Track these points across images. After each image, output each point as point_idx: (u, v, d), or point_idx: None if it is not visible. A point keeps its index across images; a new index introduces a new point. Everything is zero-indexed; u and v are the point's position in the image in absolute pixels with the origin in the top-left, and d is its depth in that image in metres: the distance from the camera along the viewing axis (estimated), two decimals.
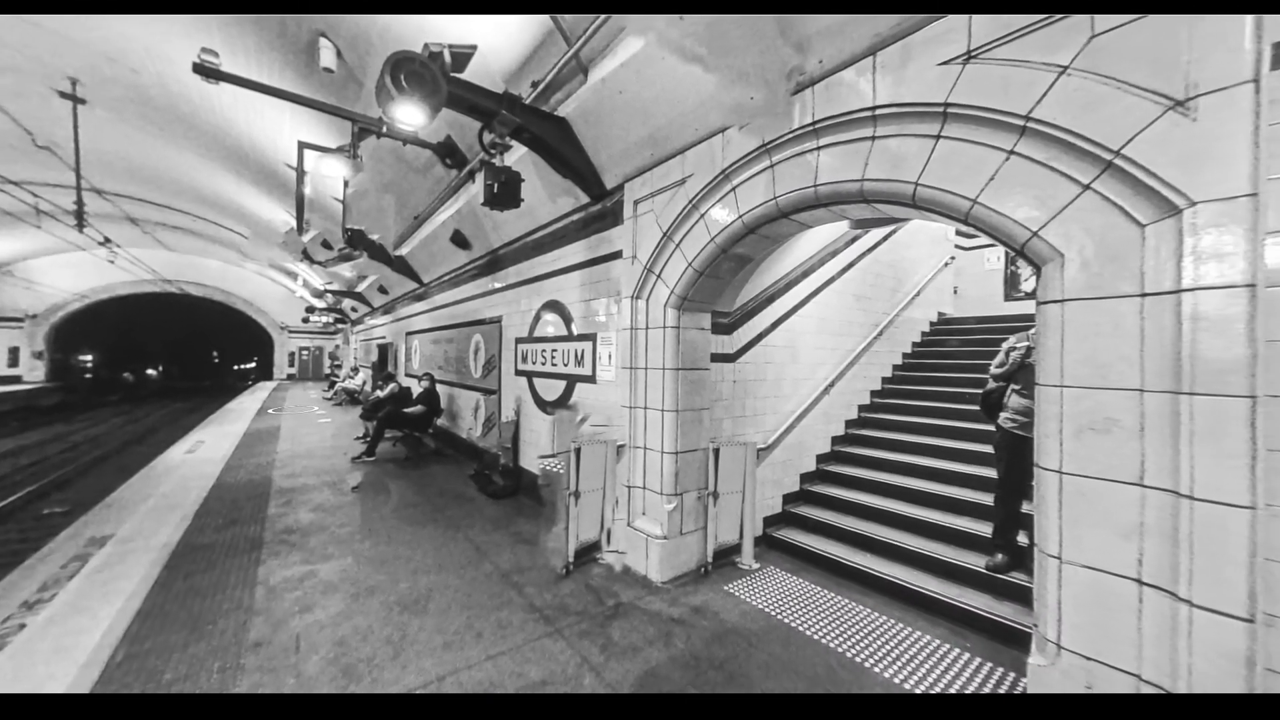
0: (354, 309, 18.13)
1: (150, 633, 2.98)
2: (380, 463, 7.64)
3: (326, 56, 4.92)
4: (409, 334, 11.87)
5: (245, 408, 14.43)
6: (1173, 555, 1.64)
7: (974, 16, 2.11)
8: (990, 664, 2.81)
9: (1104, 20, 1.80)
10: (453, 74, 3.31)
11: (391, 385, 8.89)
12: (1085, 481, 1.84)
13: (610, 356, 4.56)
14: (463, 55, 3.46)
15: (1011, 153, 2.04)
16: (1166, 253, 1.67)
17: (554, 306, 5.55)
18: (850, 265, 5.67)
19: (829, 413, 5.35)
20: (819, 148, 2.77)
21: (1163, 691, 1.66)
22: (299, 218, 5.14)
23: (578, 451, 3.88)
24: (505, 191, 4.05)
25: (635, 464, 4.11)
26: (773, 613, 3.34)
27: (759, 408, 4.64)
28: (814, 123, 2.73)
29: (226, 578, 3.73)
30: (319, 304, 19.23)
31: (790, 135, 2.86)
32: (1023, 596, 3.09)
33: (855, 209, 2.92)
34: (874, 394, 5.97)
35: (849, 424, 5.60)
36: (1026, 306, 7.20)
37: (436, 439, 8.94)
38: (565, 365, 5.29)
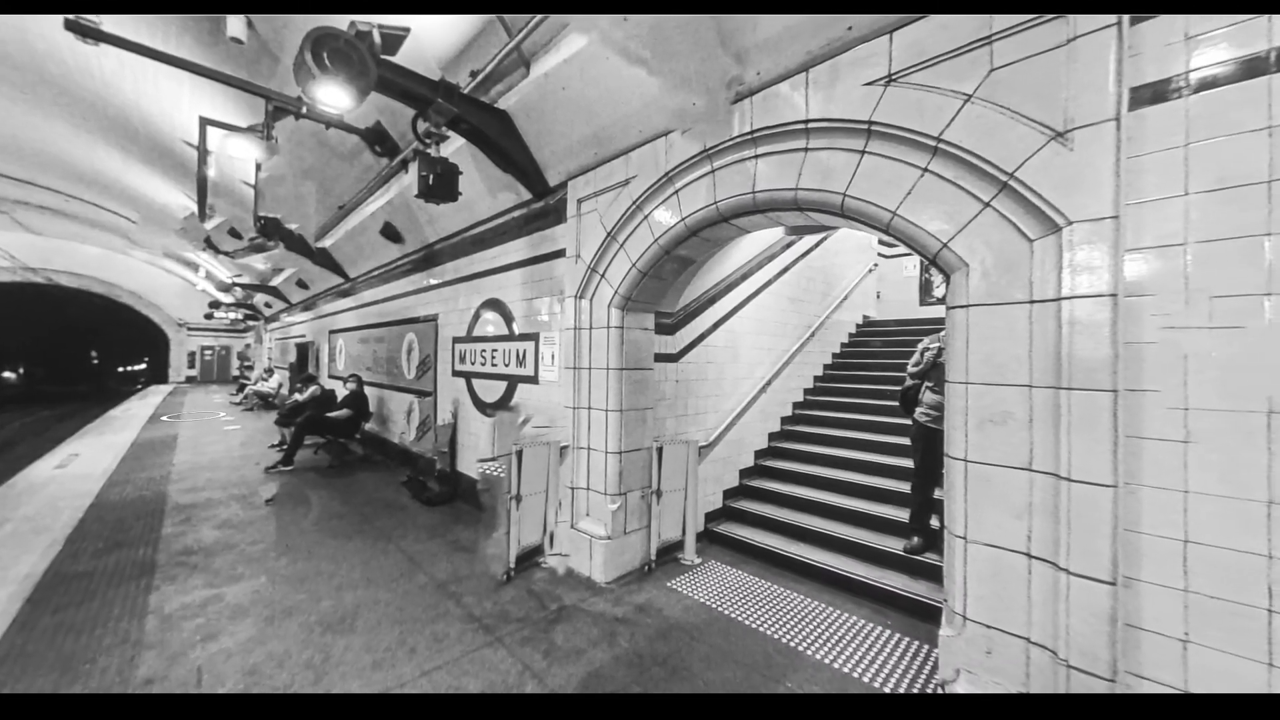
0: (268, 305, 16.55)
1: (5, 680, 2.56)
2: (300, 472, 7.04)
3: (235, 25, 4.45)
4: (333, 332, 11.03)
5: (134, 414, 12.76)
6: (1054, 531, 1.87)
7: (895, 42, 2.29)
8: (907, 638, 3.06)
9: (1000, 56, 2.01)
10: (383, 56, 3.11)
11: (313, 388, 8.22)
12: (986, 468, 2.06)
13: (553, 356, 4.49)
14: (394, 37, 3.27)
15: (925, 170, 2.23)
16: (1050, 265, 1.90)
17: (494, 305, 5.38)
18: (785, 269, 5.95)
19: (766, 410, 5.59)
20: (757, 156, 2.88)
21: (1050, 651, 1.89)
22: (201, 202, 4.61)
23: (519, 454, 3.79)
24: (441, 184, 3.88)
25: (579, 465, 4.07)
26: (714, 606, 3.43)
27: (701, 406, 4.76)
28: (752, 132, 2.84)
29: (108, 609, 3.27)
30: (225, 299, 17.36)
31: (730, 142, 2.96)
32: (935, 575, 3.40)
33: (790, 216, 3.07)
34: (807, 392, 6.31)
35: (784, 421, 5.88)
36: (938, 311, 7.91)
37: (364, 445, 8.37)
38: (506, 365, 5.14)
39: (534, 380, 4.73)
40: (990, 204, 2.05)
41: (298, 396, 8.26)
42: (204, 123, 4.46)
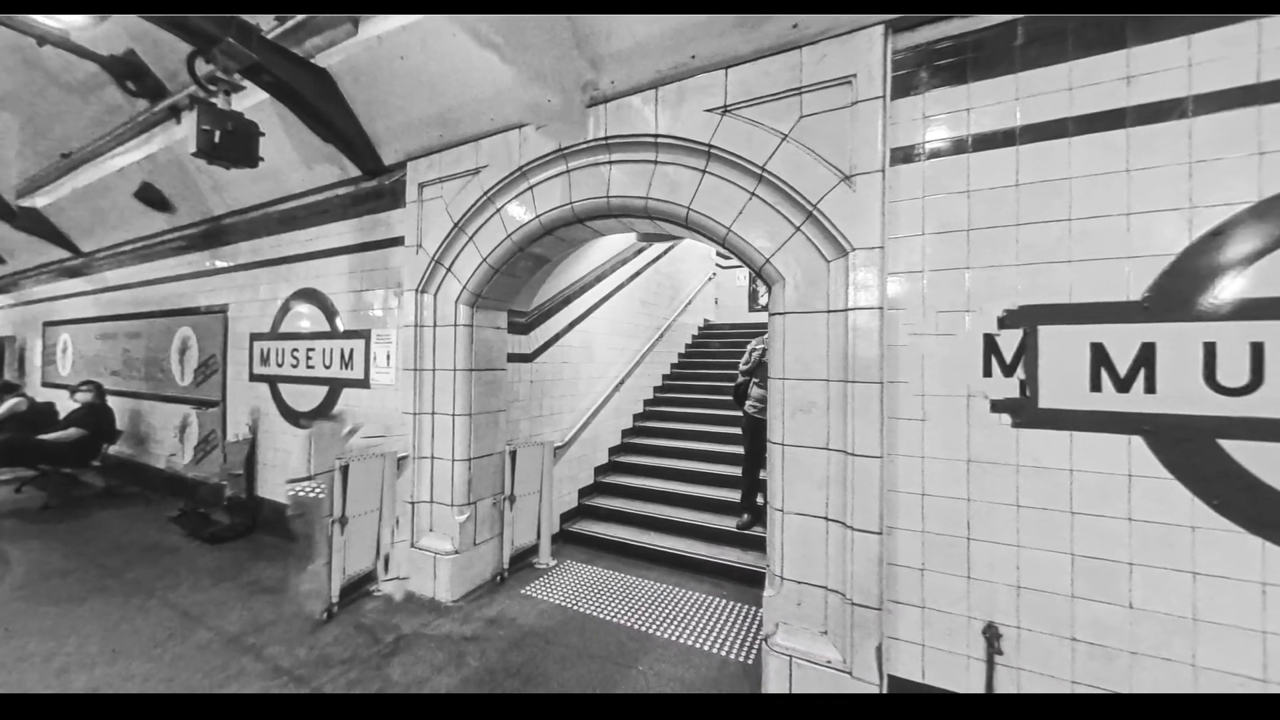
0: None
1: None
2: None
3: None
4: (51, 324, 8.14)
5: None
6: (844, 497, 2.32)
7: (730, 77, 2.58)
8: (740, 604, 3.48)
9: (808, 106, 2.42)
10: None
11: (13, 400, 5.96)
12: (797, 450, 2.45)
13: (389, 357, 4.00)
14: None
15: (753, 194, 2.57)
16: (841, 282, 2.35)
17: (310, 296, 4.57)
18: (637, 274, 6.27)
19: (620, 408, 5.80)
20: (611, 162, 2.98)
21: (840, 594, 2.33)
22: None
23: (345, 469, 3.28)
24: (234, 144, 3.16)
25: (421, 476, 3.70)
26: (569, 605, 3.44)
27: (556, 406, 4.73)
28: (606, 138, 2.92)
29: None
30: None
31: (586, 145, 3.00)
32: (762, 545, 3.93)
33: (641, 223, 3.24)
34: (656, 389, 6.73)
35: (636, 418, 6.18)
36: (763, 317, 9.16)
37: (108, 474, 6.30)
38: (328, 367, 4.41)
39: (364, 384, 4.15)
40: (800, 229, 2.46)
41: None
42: None
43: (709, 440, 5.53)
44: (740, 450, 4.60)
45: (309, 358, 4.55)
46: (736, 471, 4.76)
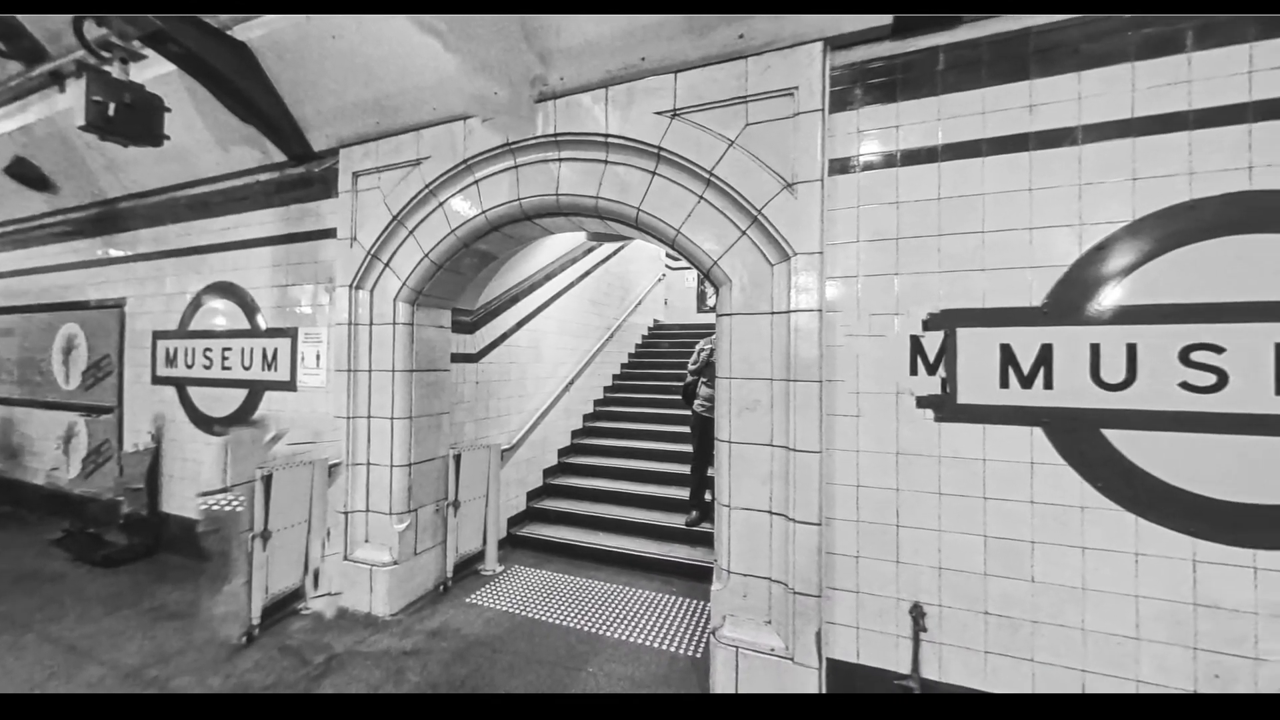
0: None
1: None
2: None
3: None
4: None
5: None
6: (786, 491, 2.42)
7: (679, 82, 2.62)
8: (689, 599, 3.54)
9: (753, 114, 2.51)
10: None
11: None
12: (743, 446, 2.53)
13: (319, 357, 3.73)
14: None
15: (701, 198, 2.62)
16: (783, 285, 2.45)
17: (227, 291, 4.18)
18: (587, 273, 6.22)
19: (570, 408, 5.73)
20: (560, 159, 2.94)
21: (783, 584, 2.42)
22: None
23: (267, 479, 3.03)
24: (132, 119, 2.83)
25: (355, 484, 3.48)
26: (517, 612, 3.36)
27: (503, 408, 4.60)
28: (556, 135, 2.88)
29: None
30: None
31: (534, 141, 2.94)
32: (710, 541, 4.02)
33: (591, 222, 3.22)
34: (606, 389, 6.72)
35: (586, 418, 6.14)
36: (711, 318, 9.39)
37: None
38: (247, 369, 4.04)
39: (290, 386, 3.84)
40: (746, 233, 2.54)
41: None
42: None
43: (659, 439, 5.59)
44: (689, 449, 4.69)
45: (225, 358, 4.16)
46: (686, 470, 4.84)
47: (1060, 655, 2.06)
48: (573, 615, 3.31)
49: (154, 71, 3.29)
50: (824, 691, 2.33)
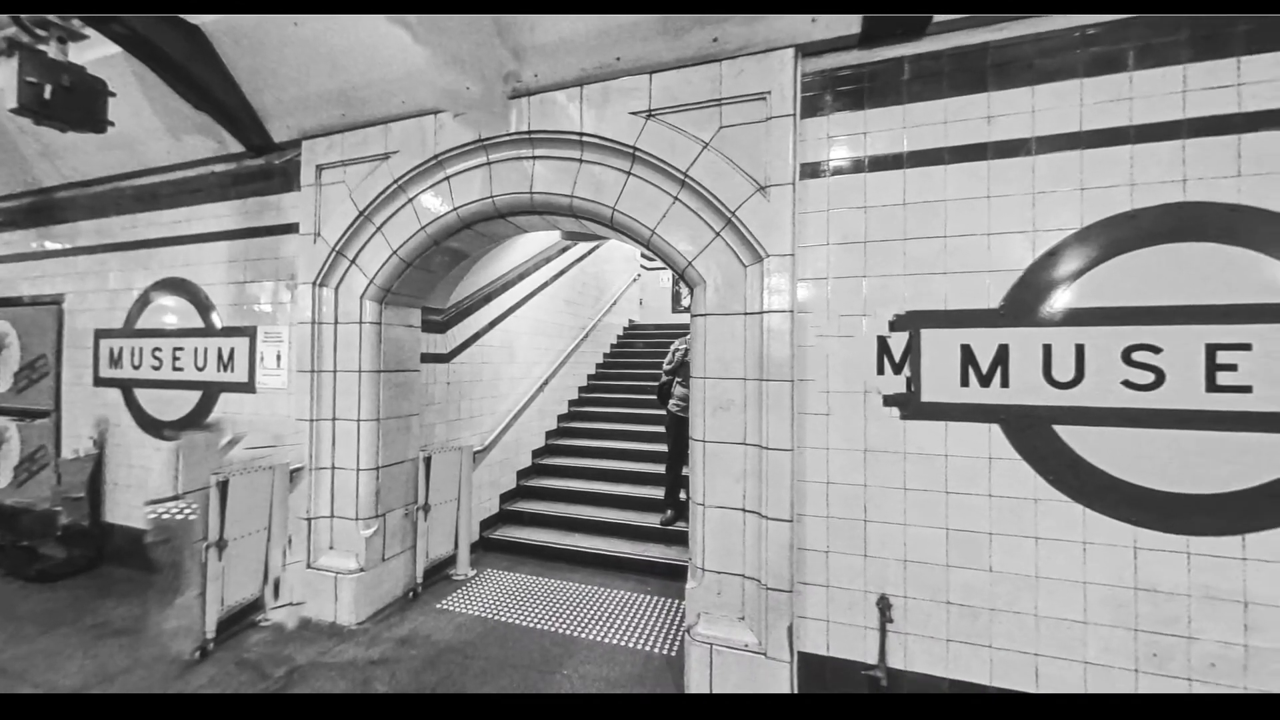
0: None
1: None
2: None
3: None
4: None
5: None
6: (759, 488, 2.46)
7: (654, 82, 2.63)
8: (664, 598, 3.56)
9: (727, 117, 2.54)
10: None
11: None
12: (718, 445, 2.56)
13: (280, 357, 3.58)
14: None
15: (676, 199, 2.64)
16: (756, 286, 2.49)
17: (178, 287, 3.96)
18: (562, 272, 6.18)
19: (544, 409, 5.68)
20: (534, 157, 2.91)
21: (756, 580, 2.46)
22: None
23: (223, 485, 2.89)
24: (73, 103, 2.66)
25: (319, 489, 3.35)
26: (490, 616, 3.31)
27: (476, 409, 4.52)
28: (530, 132, 2.85)
29: None
30: None
31: (508, 138, 2.90)
32: (684, 540, 4.05)
33: (566, 221, 3.20)
34: (581, 390, 6.68)
35: (560, 419, 6.09)
36: (685, 318, 9.46)
37: None
38: (201, 369, 3.85)
39: (248, 388, 3.67)
40: (720, 234, 2.57)
41: None
42: None
43: (634, 439, 5.60)
44: (664, 448, 4.71)
45: (176, 358, 3.94)
46: (661, 469, 4.86)
47: (1016, 641, 2.17)
48: (547, 618, 3.28)
49: (97, 53, 3.08)
50: (795, 683, 2.38)
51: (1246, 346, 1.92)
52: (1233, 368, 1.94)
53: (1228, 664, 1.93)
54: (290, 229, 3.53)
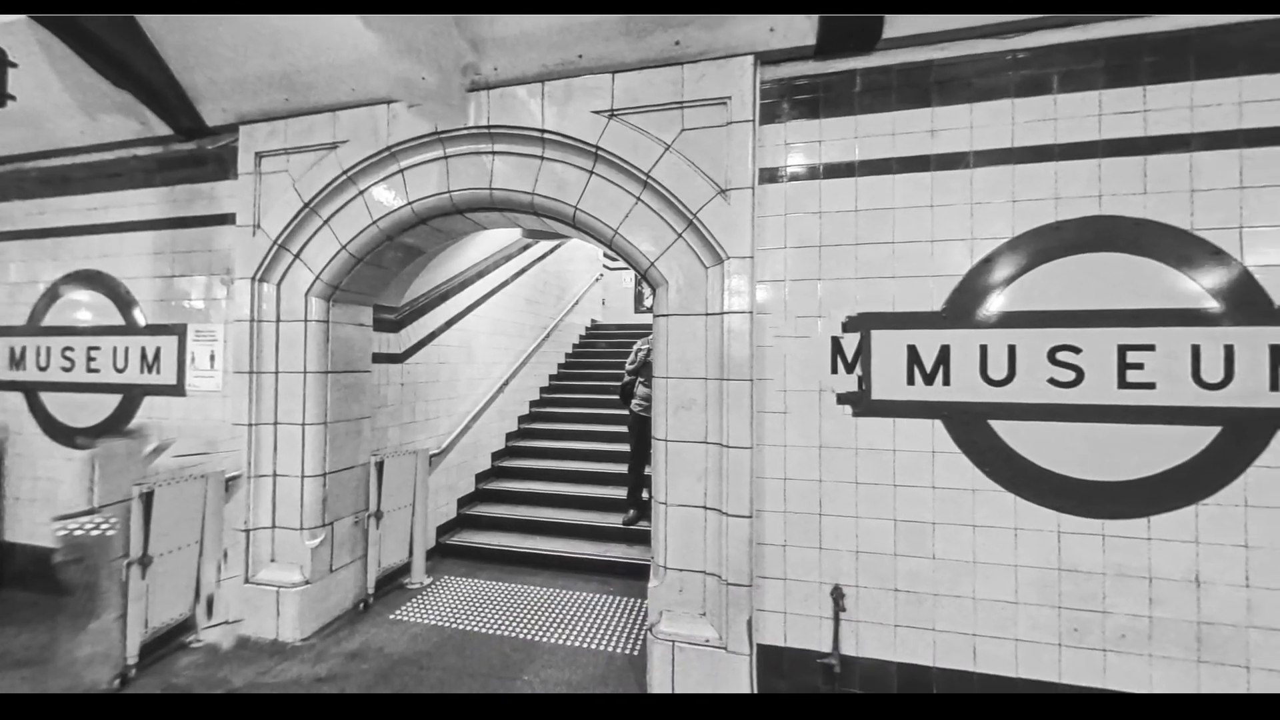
0: None
1: None
2: None
3: None
4: None
5: None
6: (720, 486, 2.51)
7: (616, 82, 2.62)
8: (626, 598, 3.56)
9: (689, 120, 2.57)
10: None
11: None
12: (680, 444, 2.59)
13: (214, 357, 3.33)
14: None
15: (638, 199, 2.65)
16: (717, 287, 2.54)
17: (93, 280, 3.62)
18: (523, 271, 6.07)
19: (504, 410, 5.56)
20: (494, 152, 2.84)
21: (717, 576, 2.51)
22: None
23: (148, 497, 2.66)
24: None
25: (259, 498, 3.15)
26: (447, 625, 3.21)
27: (432, 411, 4.37)
28: (490, 126, 2.78)
29: None
30: None
31: (466, 132, 2.82)
32: (647, 539, 4.06)
33: (527, 219, 3.14)
34: (543, 390, 6.59)
35: (521, 419, 5.98)
36: (648, 318, 9.50)
37: None
38: (121, 370, 3.53)
39: (176, 390, 3.40)
40: (682, 235, 2.60)
41: None
42: None
43: (596, 439, 5.57)
44: (627, 448, 4.71)
45: (91, 358, 3.59)
46: (623, 469, 4.86)
47: (956, 623, 2.31)
48: (507, 624, 3.21)
49: None
50: (754, 675, 2.44)
51: (1151, 347, 2.13)
52: (1140, 366, 2.14)
53: (1135, 635, 2.14)
54: (225, 219, 3.29)
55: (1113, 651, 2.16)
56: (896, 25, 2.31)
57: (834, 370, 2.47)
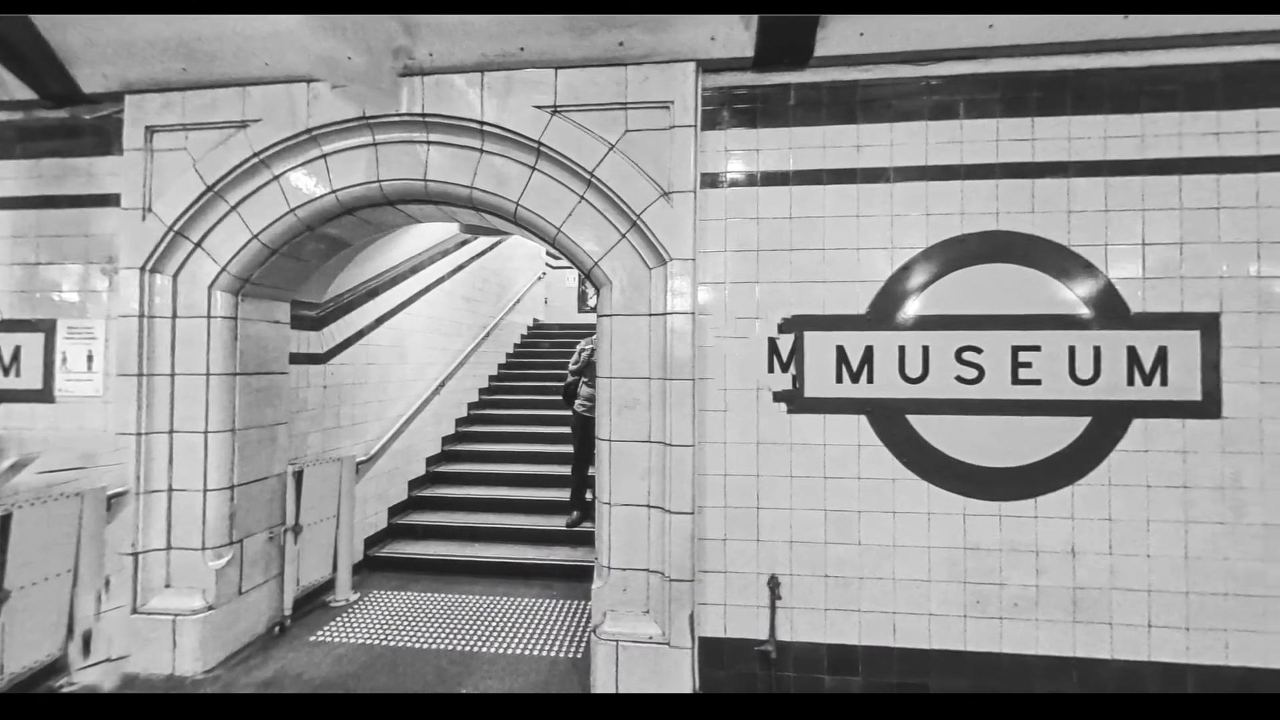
0: None
1: None
2: None
3: None
4: None
5: None
6: (663, 484, 2.55)
7: (559, 79, 2.59)
8: (570, 601, 3.52)
9: (633, 122, 2.58)
10: None
11: None
12: (623, 444, 2.60)
13: (92, 358, 2.91)
14: None
15: (582, 198, 2.63)
16: (660, 288, 2.57)
17: None
18: (461, 267, 5.83)
19: (440, 413, 5.31)
20: (429, 142, 2.70)
21: (660, 573, 2.54)
22: None
23: (3, 520, 2.28)
24: None
25: (151, 517, 2.79)
26: (376, 642, 3.01)
27: (359, 415, 4.09)
28: (424, 115, 2.64)
29: None
30: None
31: (398, 119, 2.66)
32: (591, 541, 4.04)
33: (465, 214, 3.02)
34: (482, 391, 6.36)
35: (459, 422, 5.75)
36: (592, 318, 9.45)
37: None
38: None
39: (43, 396, 2.94)
40: (626, 236, 2.61)
41: None
42: None
43: (538, 441, 5.47)
44: (570, 449, 4.66)
45: None
46: (566, 471, 4.80)
47: (879, 603, 2.50)
48: (443, 636, 3.07)
49: None
50: (696, 668, 2.50)
51: (1038, 348, 2.43)
52: (1029, 365, 2.43)
53: (1025, 602, 2.42)
54: (107, 200, 2.89)
55: (1008, 619, 2.43)
56: (827, 44, 2.46)
57: (770, 370, 2.58)
